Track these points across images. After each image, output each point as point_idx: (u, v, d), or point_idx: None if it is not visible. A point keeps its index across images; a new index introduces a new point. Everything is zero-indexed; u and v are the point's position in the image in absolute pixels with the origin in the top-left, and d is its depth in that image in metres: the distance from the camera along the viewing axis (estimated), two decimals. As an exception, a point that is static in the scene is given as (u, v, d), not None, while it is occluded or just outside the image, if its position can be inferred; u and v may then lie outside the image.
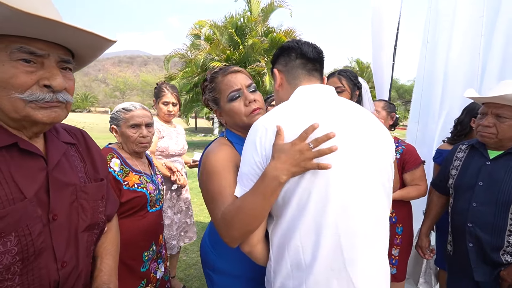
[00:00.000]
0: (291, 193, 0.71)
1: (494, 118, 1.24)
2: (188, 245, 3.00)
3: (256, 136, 0.74)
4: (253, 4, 10.53)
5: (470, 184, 1.32)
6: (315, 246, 0.70)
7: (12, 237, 0.54)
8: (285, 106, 0.80)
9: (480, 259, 1.29)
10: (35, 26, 0.53)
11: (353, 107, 0.82)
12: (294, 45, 0.87)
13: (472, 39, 1.92)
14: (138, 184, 1.27)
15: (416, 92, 2.31)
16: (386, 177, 0.78)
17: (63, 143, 0.72)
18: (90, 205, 0.72)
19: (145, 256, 1.30)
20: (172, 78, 11.38)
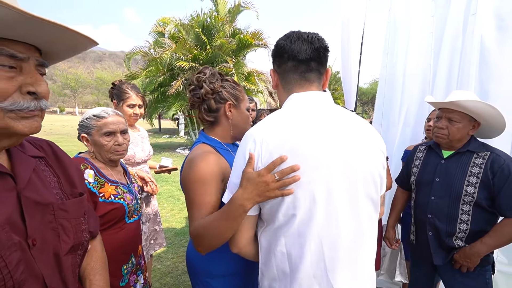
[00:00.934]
0: (278, 205, 0.74)
1: (446, 121, 1.42)
2: (162, 253, 2.89)
3: (246, 148, 0.76)
4: (219, 4, 10.43)
5: (429, 180, 1.50)
6: (299, 254, 0.73)
7: None
8: (276, 116, 0.79)
9: (438, 245, 1.47)
10: (22, 27, 0.48)
11: (346, 117, 0.80)
12: (286, 44, 0.80)
13: (424, 51, 2.19)
14: (115, 195, 1.21)
15: (378, 97, 2.56)
16: (374, 188, 0.78)
17: (31, 157, 0.64)
18: (71, 224, 0.65)
19: (124, 270, 1.24)
20: (134, 76, 10.71)
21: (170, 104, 9.93)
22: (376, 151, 0.79)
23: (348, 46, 2.27)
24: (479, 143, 1.42)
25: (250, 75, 10.86)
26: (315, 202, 0.71)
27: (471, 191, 1.35)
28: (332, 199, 0.72)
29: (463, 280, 1.42)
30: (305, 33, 0.80)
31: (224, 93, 1.05)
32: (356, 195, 0.74)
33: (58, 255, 0.61)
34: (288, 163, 0.71)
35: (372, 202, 0.78)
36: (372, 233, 0.80)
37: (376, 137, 0.81)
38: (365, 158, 0.76)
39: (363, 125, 0.81)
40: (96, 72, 54.60)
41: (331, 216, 0.73)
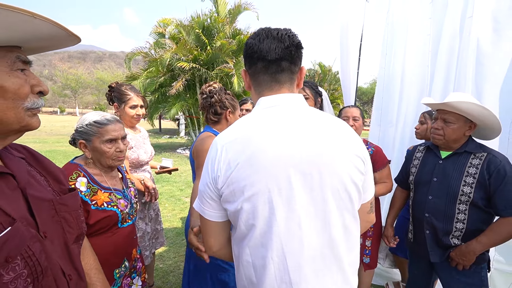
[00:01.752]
0: (238, 213, 0.71)
1: (442, 122, 1.46)
2: (164, 252, 2.93)
3: (209, 156, 0.74)
4: (220, 5, 10.46)
5: (427, 180, 1.53)
6: (262, 265, 0.71)
7: (19, 261, 0.52)
8: (241, 122, 0.76)
9: (435, 244, 1.50)
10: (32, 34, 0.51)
11: (317, 121, 0.74)
12: (254, 44, 0.75)
13: (421, 53, 2.22)
14: (108, 202, 1.19)
15: (377, 98, 2.59)
16: (347, 197, 0.71)
17: (19, 158, 0.67)
18: (72, 216, 0.70)
19: (116, 274, 1.23)
20: (135, 77, 10.74)
21: (170, 104, 9.96)
22: (351, 157, 0.72)
23: (347, 47, 2.30)
24: (477, 144, 1.45)
25: (250, 76, 10.86)
26: (274, 212, 0.68)
27: (467, 191, 1.38)
28: (293, 210, 0.68)
29: (460, 277, 1.45)
30: (275, 30, 0.75)
31: (226, 103, 1.54)
32: (323, 206, 0.69)
33: (67, 245, 0.66)
34: (244, 172, 0.68)
35: (347, 211, 0.72)
36: (350, 244, 0.74)
37: (354, 141, 0.74)
38: (336, 166, 0.69)
39: (339, 129, 0.74)
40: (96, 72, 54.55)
41: (292, 227, 0.69)
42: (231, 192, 0.70)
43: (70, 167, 1.19)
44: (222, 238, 0.82)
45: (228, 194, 0.71)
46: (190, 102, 10.46)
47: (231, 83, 9.68)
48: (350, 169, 0.71)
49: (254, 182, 0.68)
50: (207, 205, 0.77)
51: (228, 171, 0.70)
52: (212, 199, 0.75)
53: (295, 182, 0.68)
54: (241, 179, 0.69)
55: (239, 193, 0.69)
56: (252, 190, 0.68)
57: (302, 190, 0.69)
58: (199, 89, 10.38)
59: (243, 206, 0.70)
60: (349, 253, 0.74)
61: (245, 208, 0.70)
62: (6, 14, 0.44)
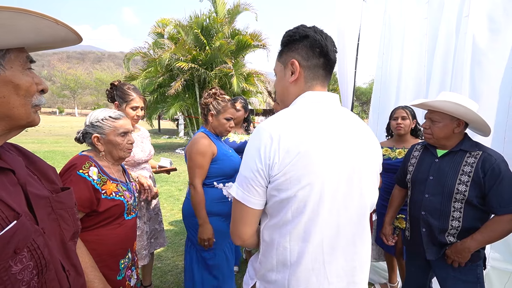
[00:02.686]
0: (287, 202, 0.75)
1: (429, 121, 1.50)
2: (162, 252, 2.93)
3: (261, 144, 0.75)
4: (218, 5, 10.47)
5: (423, 178, 1.55)
6: (302, 249, 0.76)
7: (25, 253, 0.53)
8: (292, 113, 0.79)
9: (431, 241, 1.51)
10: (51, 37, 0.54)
11: (353, 120, 0.83)
12: (320, 39, 0.79)
13: (418, 53, 2.24)
14: (116, 192, 1.25)
15: (374, 98, 2.60)
16: (374, 190, 0.83)
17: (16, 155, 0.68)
18: (68, 213, 0.71)
19: (121, 264, 1.28)
20: (134, 77, 10.75)
21: (169, 104, 9.96)
22: (378, 158, 0.84)
23: (344, 48, 2.31)
24: (472, 143, 1.46)
25: (249, 76, 10.90)
26: (323, 202, 0.74)
27: (462, 189, 1.39)
28: (337, 200, 0.76)
29: (455, 274, 1.46)
30: (327, 34, 0.82)
31: (210, 106, 1.77)
32: (360, 199, 0.79)
33: (64, 242, 0.67)
34: (303, 161, 0.72)
35: (370, 203, 0.82)
36: (369, 233, 0.84)
37: (375, 140, 0.86)
38: (370, 162, 0.81)
39: (366, 128, 0.85)
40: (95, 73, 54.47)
41: (333, 214, 0.76)
42: (287, 180, 0.73)
43: (81, 158, 1.23)
44: (255, 227, 0.83)
45: (283, 182, 0.73)
46: (189, 102, 10.47)
47: (230, 84, 9.69)
48: (376, 167, 0.83)
49: (311, 172, 0.72)
50: (253, 193, 0.77)
51: (286, 159, 0.72)
52: (261, 186, 0.76)
53: (342, 175, 0.75)
54: (299, 168, 0.72)
55: (296, 181, 0.72)
56: (308, 179, 0.72)
57: (345, 183, 0.76)
58: (198, 89, 10.38)
59: (297, 194, 0.73)
60: (369, 242, 0.84)
61: (299, 196, 0.73)
62: (36, 20, 0.47)
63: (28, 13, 0.46)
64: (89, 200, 1.16)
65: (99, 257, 1.19)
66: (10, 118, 0.55)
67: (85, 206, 1.16)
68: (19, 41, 0.51)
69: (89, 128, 1.29)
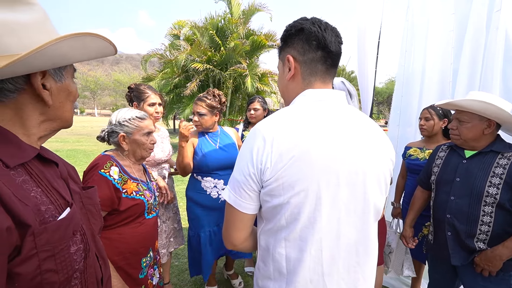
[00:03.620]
0: (281, 208, 0.70)
1: (457, 122, 1.44)
2: (180, 250, 2.98)
3: (254, 145, 0.70)
4: (233, 6, 10.55)
5: (449, 180, 1.48)
6: (298, 257, 0.71)
7: (78, 236, 0.58)
8: (288, 114, 0.73)
9: (457, 246, 1.44)
10: (101, 54, 0.62)
11: (359, 120, 0.76)
12: (317, 31, 0.72)
13: (443, 50, 2.14)
14: (136, 191, 1.27)
15: (395, 98, 2.52)
16: (380, 196, 0.75)
17: None
18: (96, 209, 0.74)
19: (143, 263, 1.30)
20: (151, 78, 11.03)
21: (185, 105, 10.14)
22: (387, 160, 0.76)
23: (364, 45, 2.25)
24: (505, 144, 1.39)
25: (264, 76, 10.90)
26: (320, 208, 0.68)
27: (493, 192, 1.31)
28: (336, 206, 0.69)
29: (485, 284, 1.38)
30: (328, 23, 0.74)
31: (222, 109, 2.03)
32: (364, 204, 0.72)
33: (94, 235, 0.70)
34: (297, 166, 0.67)
35: (375, 209, 0.74)
36: (374, 241, 0.76)
37: (387, 142, 0.77)
38: (376, 166, 0.72)
39: (376, 129, 0.76)
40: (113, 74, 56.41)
41: (332, 222, 0.70)
42: (280, 185, 0.68)
43: (103, 157, 1.27)
44: (246, 233, 0.79)
45: (275, 188, 0.68)
46: (203, 102, 10.59)
47: (245, 84, 9.73)
48: (386, 171, 0.75)
49: (306, 177, 0.67)
50: (246, 197, 0.73)
51: (279, 163, 0.67)
52: (253, 190, 0.72)
53: (342, 180, 0.69)
54: (293, 173, 0.67)
55: (289, 187, 0.67)
56: (303, 185, 0.67)
57: (346, 188, 0.70)
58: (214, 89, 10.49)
59: (291, 201, 0.68)
60: (375, 251, 0.77)
61: (292, 203, 0.68)
62: (102, 42, 0.55)
63: (102, 38, 0.54)
64: (110, 199, 1.18)
65: (122, 255, 1.22)
66: (61, 120, 0.62)
67: (107, 205, 1.18)
68: (85, 57, 0.57)
69: (116, 127, 1.32)
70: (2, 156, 0.50)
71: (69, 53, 0.52)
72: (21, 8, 0.50)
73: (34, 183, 0.53)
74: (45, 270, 0.49)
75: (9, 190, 0.46)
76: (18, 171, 0.52)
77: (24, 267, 0.47)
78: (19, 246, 0.46)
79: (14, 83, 0.51)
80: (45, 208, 0.52)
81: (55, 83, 0.57)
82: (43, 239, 0.49)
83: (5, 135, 0.53)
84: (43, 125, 0.59)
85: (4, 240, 0.43)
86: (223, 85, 10.35)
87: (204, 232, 1.99)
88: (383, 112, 33.07)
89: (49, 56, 0.49)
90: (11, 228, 0.44)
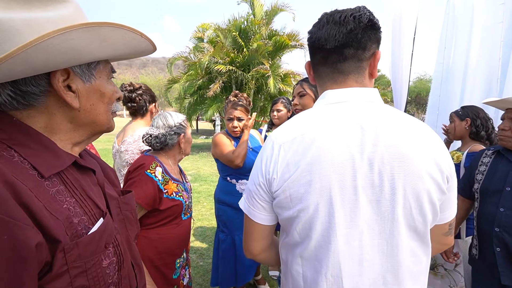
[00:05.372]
0: (292, 221, 0.64)
1: (509, 122, 1.31)
2: (204, 250, 3.02)
3: (263, 154, 0.67)
4: (256, 7, 10.58)
5: (497, 189, 1.34)
6: (314, 279, 0.64)
7: (111, 248, 0.56)
8: (301, 119, 0.68)
9: (508, 263, 1.30)
10: (135, 50, 0.59)
11: (392, 122, 0.62)
12: (313, 32, 0.68)
13: (491, 44, 1.95)
14: (176, 192, 1.30)
15: (432, 97, 2.34)
16: (420, 215, 0.61)
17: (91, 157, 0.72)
18: (132, 215, 0.73)
19: (177, 263, 1.32)
20: (176, 81, 11.39)
21: (207, 106, 10.34)
22: (432, 171, 0.60)
23: (399, 42, 2.12)
24: None
25: (286, 77, 10.81)
26: (334, 227, 0.60)
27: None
28: (356, 226, 0.60)
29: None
30: (338, 13, 0.65)
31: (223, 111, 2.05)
32: (391, 224, 0.60)
33: (130, 242, 0.69)
34: (305, 177, 0.60)
35: (416, 233, 0.62)
36: (416, 270, 0.63)
37: (439, 153, 0.61)
38: (413, 180, 0.59)
39: (422, 135, 0.62)
40: (141, 77, 59.14)
41: (353, 245, 0.61)
42: (287, 198, 0.63)
43: (148, 158, 1.30)
44: (267, 242, 0.76)
45: (283, 200, 0.64)
46: (226, 103, 10.74)
47: (267, 85, 9.71)
48: (430, 185, 0.60)
49: (315, 190, 0.60)
50: (258, 207, 0.70)
51: (285, 174, 0.62)
52: (265, 201, 0.69)
53: (362, 194, 0.60)
54: (300, 185, 0.61)
55: (297, 200, 0.62)
56: (311, 199, 0.60)
57: (368, 204, 0.60)
58: (235, 90, 10.61)
59: (300, 215, 0.62)
60: (414, 281, 0.63)
61: (302, 217, 0.62)
62: (127, 34, 0.51)
63: (123, 28, 0.49)
64: (153, 198, 1.21)
65: (159, 255, 1.24)
66: (96, 124, 0.58)
67: (149, 204, 1.21)
68: (112, 53, 0.54)
69: (177, 128, 1.36)
70: (38, 165, 0.48)
71: (85, 47, 0.47)
72: (52, 5, 0.48)
73: (68, 193, 0.51)
74: (77, 286, 0.47)
75: (40, 203, 0.44)
76: (53, 181, 0.50)
77: (56, 283, 0.45)
78: (50, 262, 0.45)
79: (37, 85, 0.48)
80: (78, 220, 0.50)
81: (83, 83, 0.53)
82: (73, 254, 0.47)
83: (44, 144, 0.51)
84: (77, 130, 0.56)
85: (34, 256, 0.41)
86: (245, 86, 10.40)
87: (239, 235, 1.99)
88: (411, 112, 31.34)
89: (55, 52, 0.44)
90: (42, 244, 0.43)
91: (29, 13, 0.45)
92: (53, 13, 0.47)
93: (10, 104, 0.48)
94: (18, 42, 0.43)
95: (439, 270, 1.91)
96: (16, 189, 0.42)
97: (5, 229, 0.39)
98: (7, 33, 0.43)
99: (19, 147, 0.48)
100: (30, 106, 0.50)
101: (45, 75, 0.49)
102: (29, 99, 0.49)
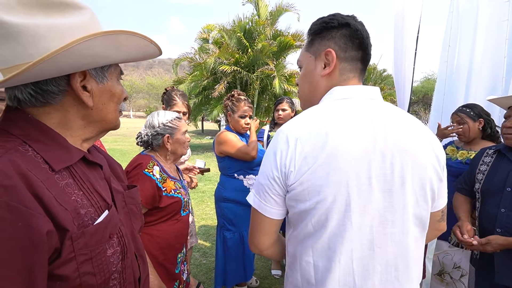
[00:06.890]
0: (307, 214, 0.66)
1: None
2: (207, 248, 3.04)
3: (277, 148, 0.68)
4: (261, 8, 10.60)
5: (498, 189, 1.33)
6: (327, 267, 0.66)
7: (115, 239, 0.59)
8: (314, 113, 0.69)
9: (507, 264, 1.29)
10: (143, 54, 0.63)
11: (398, 118, 0.69)
12: (362, 30, 0.71)
13: (496, 43, 1.93)
14: (174, 189, 1.32)
15: (436, 96, 2.32)
16: (424, 204, 0.67)
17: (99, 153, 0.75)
18: (137, 209, 0.76)
19: (178, 258, 1.35)
20: (181, 81, 11.49)
21: (212, 106, 10.41)
22: (433, 162, 0.67)
23: (402, 40, 2.11)
24: None
25: (291, 77, 10.80)
26: (350, 216, 0.63)
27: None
28: (369, 214, 0.64)
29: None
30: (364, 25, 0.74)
31: (228, 107, 2.05)
32: (402, 212, 0.65)
33: (134, 235, 0.72)
34: (323, 169, 0.63)
35: (417, 220, 0.67)
36: (419, 255, 0.69)
37: (436, 145, 0.69)
38: (417, 169, 0.65)
39: (418, 128, 0.69)
40: (147, 78, 59.84)
41: (365, 232, 0.64)
42: (304, 190, 0.65)
43: (145, 157, 1.32)
44: (271, 238, 0.77)
45: (300, 193, 0.65)
46: (231, 104, 10.78)
47: (271, 85, 9.72)
48: (432, 174, 0.67)
49: (333, 182, 0.63)
50: (270, 202, 0.71)
51: (304, 167, 0.64)
52: (278, 195, 0.70)
53: (375, 185, 0.64)
54: (318, 177, 0.63)
55: (314, 192, 0.64)
56: (329, 190, 0.63)
57: (380, 194, 0.64)
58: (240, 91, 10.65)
59: (317, 206, 0.64)
60: (417, 265, 0.69)
61: (319, 209, 0.64)
62: (140, 41, 0.56)
63: (137, 35, 0.54)
64: (152, 197, 1.24)
65: (162, 250, 1.27)
66: (105, 122, 0.63)
67: (149, 203, 1.24)
68: (125, 57, 0.58)
69: (160, 129, 1.35)
70: (50, 160, 0.51)
71: (104, 52, 0.52)
72: (70, 12, 0.52)
73: (76, 186, 0.55)
74: (84, 273, 0.51)
75: (51, 194, 0.48)
76: (63, 174, 0.53)
77: (64, 269, 0.49)
78: (59, 249, 0.48)
79: (57, 85, 0.52)
80: (84, 211, 0.53)
81: (97, 84, 0.57)
82: (80, 243, 0.50)
83: (56, 139, 0.54)
84: (87, 127, 0.60)
85: (45, 242, 0.45)
86: (250, 87, 10.44)
87: (247, 230, 2.01)
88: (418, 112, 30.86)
89: (79, 56, 0.49)
90: (52, 232, 0.46)
91: (50, 19, 0.49)
92: (71, 19, 0.52)
93: (29, 101, 0.53)
94: (43, 47, 0.48)
95: (445, 277, 1.89)
96: (30, 181, 0.46)
97: (20, 217, 0.43)
98: (33, 38, 0.48)
99: (33, 143, 0.52)
100: (47, 103, 0.54)
101: (65, 76, 0.53)
102: (48, 97, 0.53)
